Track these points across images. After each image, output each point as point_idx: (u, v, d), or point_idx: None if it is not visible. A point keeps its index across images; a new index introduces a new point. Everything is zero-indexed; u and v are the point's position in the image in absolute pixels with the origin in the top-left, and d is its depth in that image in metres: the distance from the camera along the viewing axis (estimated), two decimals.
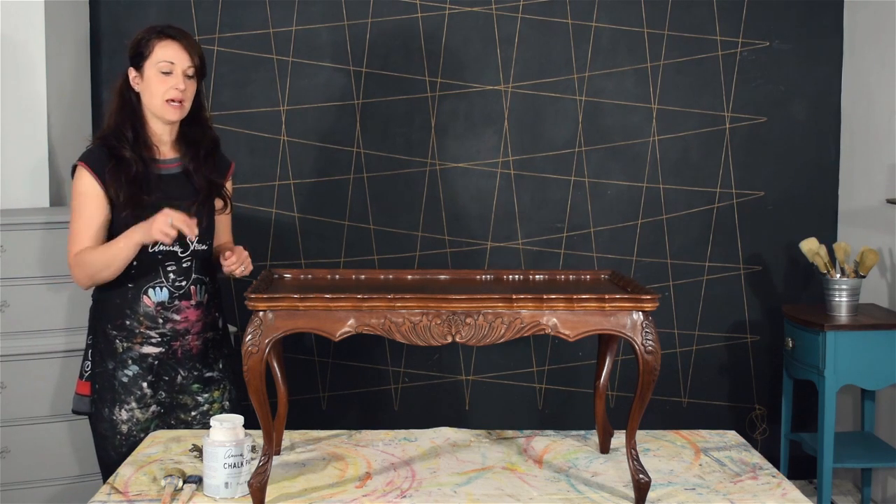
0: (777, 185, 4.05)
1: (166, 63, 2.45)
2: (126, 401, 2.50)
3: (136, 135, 2.48)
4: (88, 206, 2.46)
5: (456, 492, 2.09)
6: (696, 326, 4.08)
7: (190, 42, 2.48)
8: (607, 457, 2.33)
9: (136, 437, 2.50)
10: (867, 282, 3.78)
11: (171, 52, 2.45)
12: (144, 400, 2.51)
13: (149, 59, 2.46)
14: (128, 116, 2.49)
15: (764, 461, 2.30)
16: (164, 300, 2.51)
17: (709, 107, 4.02)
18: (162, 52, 2.45)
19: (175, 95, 2.46)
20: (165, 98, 2.46)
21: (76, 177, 2.48)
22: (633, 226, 4.04)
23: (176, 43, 2.46)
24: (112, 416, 2.50)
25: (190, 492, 2.06)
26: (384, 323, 1.95)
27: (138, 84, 2.49)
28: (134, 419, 2.51)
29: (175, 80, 2.45)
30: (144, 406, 2.51)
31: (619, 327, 1.97)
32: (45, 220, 3.17)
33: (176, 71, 2.45)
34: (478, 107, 3.97)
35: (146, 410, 2.52)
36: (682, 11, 3.97)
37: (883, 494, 3.82)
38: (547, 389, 4.09)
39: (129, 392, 2.50)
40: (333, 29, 3.91)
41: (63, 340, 3.16)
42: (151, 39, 2.46)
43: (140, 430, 2.51)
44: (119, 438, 2.51)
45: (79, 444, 3.16)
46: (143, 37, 2.48)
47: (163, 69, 2.45)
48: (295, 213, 3.96)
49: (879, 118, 3.81)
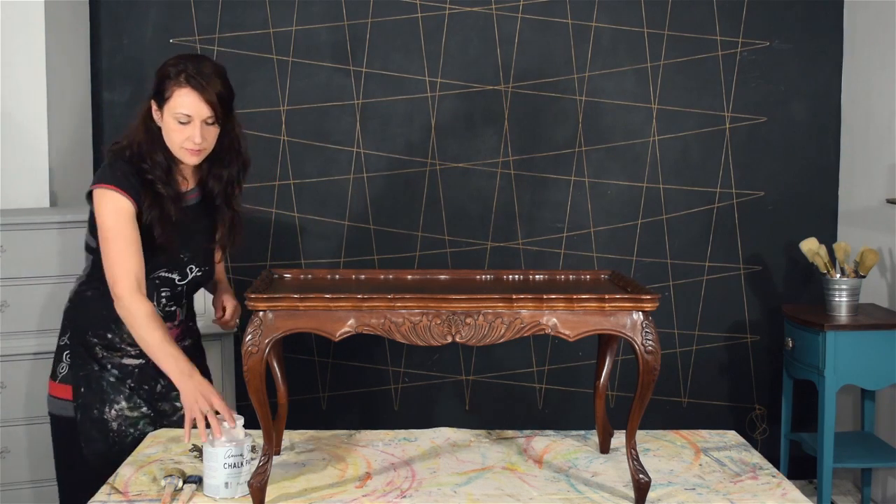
0: (777, 185, 4.05)
1: (183, 115, 2.28)
2: (115, 399, 2.43)
3: (169, 165, 2.35)
4: (128, 226, 2.29)
5: (456, 492, 2.09)
6: (696, 326, 4.08)
7: (211, 90, 2.28)
8: (607, 457, 2.33)
9: (127, 432, 2.43)
10: (867, 282, 3.78)
11: (189, 102, 2.28)
12: (133, 399, 2.44)
13: (167, 104, 2.29)
14: (157, 143, 2.34)
15: (764, 461, 2.30)
16: None
17: (709, 107, 4.02)
18: (179, 102, 2.28)
19: (191, 147, 2.31)
20: (182, 146, 2.32)
21: (108, 199, 2.29)
22: (633, 226, 4.04)
23: (195, 94, 2.27)
24: (102, 415, 2.42)
25: (190, 492, 2.06)
26: (384, 323, 1.95)
27: (158, 119, 2.34)
28: (123, 415, 2.43)
29: (192, 132, 2.29)
30: (134, 406, 2.44)
31: (619, 327, 1.97)
32: (45, 220, 3.17)
33: (194, 122, 2.29)
34: (478, 107, 3.97)
35: (134, 409, 2.44)
36: (682, 11, 3.97)
37: (883, 494, 3.82)
38: (547, 389, 4.09)
39: (117, 391, 2.43)
40: (333, 29, 3.91)
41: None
42: (172, 83, 2.28)
43: (129, 425, 2.44)
44: (111, 436, 2.43)
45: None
46: (167, 75, 2.30)
47: (180, 119, 2.29)
48: (295, 213, 3.96)
49: (879, 118, 3.81)
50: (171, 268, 2.43)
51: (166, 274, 2.42)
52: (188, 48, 3.85)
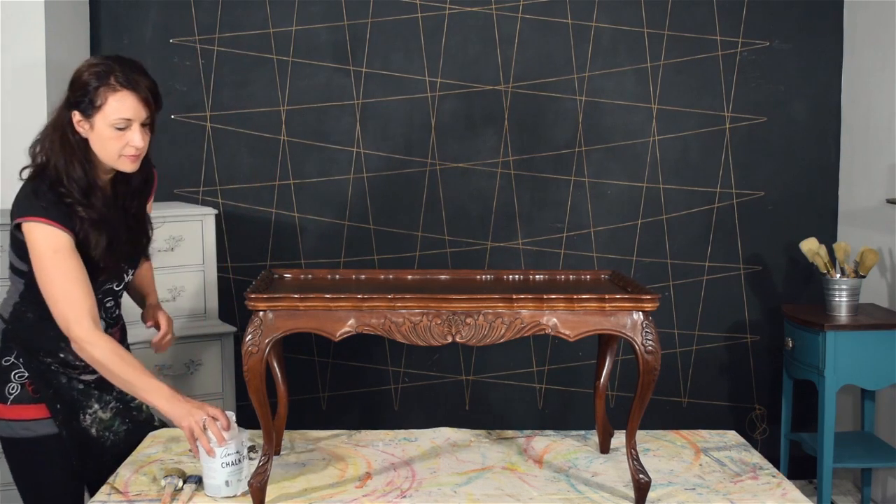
0: (777, 185, 4.05)
1: (122, 119, 2.13)
2: (88, 405, 2.33)
3: (88, 180, 2.18)
4: (70, 261, 2.14)
5: (456, 492, 2.09)
6: (696, 326, 4.08)
7: (144, 88, 2.15)
8: (607, 457, 2.33)
9: (105, 436, 2.35)
10: (867, 282, 3.78)
11: (128, 106, 2.13)
12: (102, 398, 2.34)
13: (100, 112, 2.12)
14: (75, 157, 2.16)
15: (764, 461, 2.30)
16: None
17: (709, 107, 4.02)
18: (117, 108, 2.12)
19: (131, 153, 2.17)
20: (121, 154, 2.17)
21: (42, 234, 2.12)
22: (633, 226, 4.04)
23: (132, 95, 2.12)
24: (80, 425, 2.31)
25: (190, 492, 2.06)
26: (384, 323, 1.95)
27: (84, 130, 2.16)
28: (98, 419, 2.34)
29: (132, 137, 2.15)
30: (104, 404, 2.35)
31: (619, 327, 1.97)
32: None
33: (133, 126, 2.14)
34: (478, 107, 3.97)
35: (106, 408, 2.35)
36: (682, 11, 3.97)
37: (883, 494, 3.82)
38: (547, 389, 4.09)
39: (87, 396, 2.32)
40: (333, 29, 3.91)
41: None
42: (103, 88, 2.12)
43: (104, 429, 2.35)
44: (93, 443, 2.33)
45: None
46: (91, 82, 2.13)
47: (118, 126, 2.13)
48: (295, 213, 3.96)
49: (879, 118, 3.81)
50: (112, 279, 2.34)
51: (108, 286, 2.33)
52: (188, 48, 3.85)
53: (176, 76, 3.87)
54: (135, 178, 2.30)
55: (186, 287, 3.45)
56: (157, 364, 3.38)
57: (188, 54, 3.87)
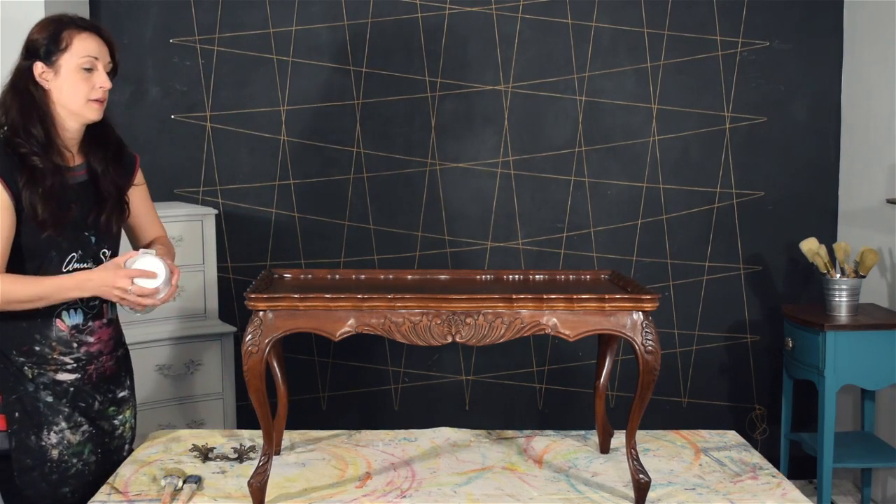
0: (777, 185, 4.05)
1: (89, 59, 2.17)
2: (55, 422, 2.17)
3: (48, 137, 2.17)
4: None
5: (456, 492, 2.09)
6: (696, 326, 4.08)
7: (109, 34, 2.23)
8: (607, 457, 2.34)
9: (69, 462, 2.19)
10: (867, 282, 3.78)
11: (94, 46, 2.18)
12: (73, 418, 2.20)
13: (66, 53, 2.15)
14: (35, 115, 2.16)
15: (764, 461, 2.30)
16: (79, 322, 2.21)
17: (709, 107, 4.02)
18: (83, 47, 2.17)
19: (101, 95, 2.19)
20: (90, 98, 2.18)
21: None
22: (633, 226, 4.04)
23: (97, 37, 2.19)
24: (40, 442, 2.16)
25: (190, 492, 2.06)
26: (384, 323, 1.95)
27: (48, 80, 2.17)
28: (65, 441, 2.18)
29: (100, 78, 2.18)
30: (75, 426, 2.20)
31: (619, 327, 1.97)
32: None
33: (99, 67, 2.19)
34: (478, 107, 3.97)
35: (76, 431, 2.20)
36: (682, 11, 3.97)
37: (883, 494, 3.82)
38: (547, 389, 4.09)
39: (55, 412, 2.18)
40: (333, 29, 3.91)
41: None
42: (66, 32, 2.16)
43: (71, 454, 2.19)
44: (49, 466, 2.17)
45: None
46: (52, 28, 2.17)
47: (85, 65, 2.16)
48: (295, 213, 3.96)
49: (879, 118, 3.81)
50: (83, 254, 2.21)
51: (79, 264, 2.19)
52: (188, 48, 3.85)
53: (176, 76, 3.87)
54: (109, 148, 2.30)
55: (186, 287, 3.45)
56: (157, 364, 3.38)
57: (188, 54, 3.87)
